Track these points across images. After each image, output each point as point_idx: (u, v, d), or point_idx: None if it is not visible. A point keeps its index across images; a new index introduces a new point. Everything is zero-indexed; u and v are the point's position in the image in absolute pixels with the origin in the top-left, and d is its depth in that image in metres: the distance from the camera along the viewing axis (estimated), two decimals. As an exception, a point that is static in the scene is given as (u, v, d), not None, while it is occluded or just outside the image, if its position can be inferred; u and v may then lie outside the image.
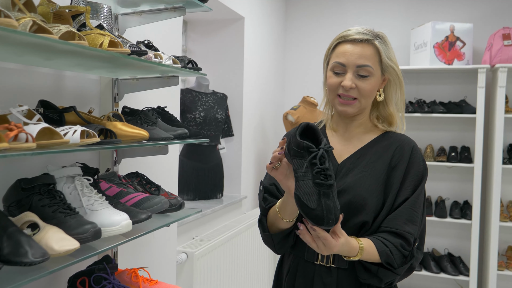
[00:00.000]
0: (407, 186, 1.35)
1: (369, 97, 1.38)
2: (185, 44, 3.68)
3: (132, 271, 1.64)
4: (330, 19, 4.42)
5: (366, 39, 1.35)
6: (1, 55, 1.24)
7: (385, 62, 1.37)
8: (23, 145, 1.00)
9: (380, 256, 1.27)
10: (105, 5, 1.43)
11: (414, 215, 1.32)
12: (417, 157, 1.39)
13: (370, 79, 1.35)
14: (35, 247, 1.05)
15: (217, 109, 3.34)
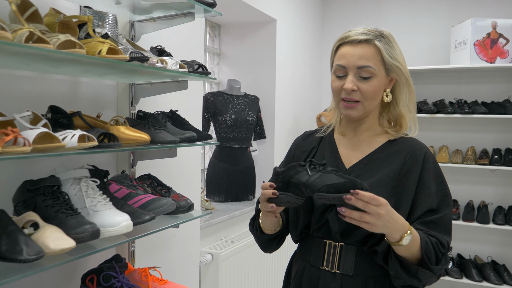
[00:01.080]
0: (430, 194, 1.29)
1: (372, 99, 1.32)
2: (219, 47, 3.73)
3: (143, 271, 1.68)
4: (368, 19, 4.34)
5: (366, 39, 1.31)
6: (11, 64, 1.32)
7: (388, 62, 1.31)
8: (17, 149, 1.06)
9: (421, 243, 1.20)
10: (110, 14, 1.49)
11: (443, 227, 1.27)
12: (431, 164, 1.33)
13: (372, 80, 1.30)
14: (31, 246, 1.11)
15: (248, 111, 3.37)
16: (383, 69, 1.32)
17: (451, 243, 1.30)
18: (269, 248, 1.47)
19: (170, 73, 1.58)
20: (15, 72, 1.44)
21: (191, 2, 1.63)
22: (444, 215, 1.28)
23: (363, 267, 1.30)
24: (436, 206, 1.29)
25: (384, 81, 1.33)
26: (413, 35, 4.18)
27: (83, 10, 1.44)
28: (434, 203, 1.29)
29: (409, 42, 4.19)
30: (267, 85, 3.59)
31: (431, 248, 1.21)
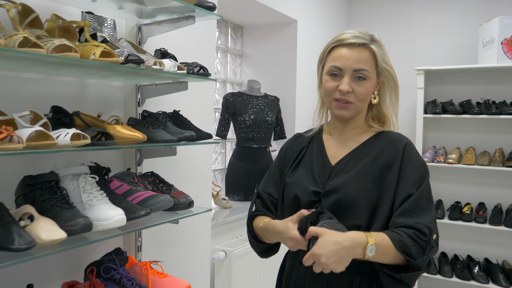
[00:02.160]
0: (407, 182, 1.31)
1: (364, 101, 1.39)
2: (241, 48, 3.79)
3: (144, 264, 1.76)
4: (394, 19, 4.29)
5: (362, 43, 1.35)
6: (15, 67, 1.42)
7: (380, 66, 1.37)
8: (9, 146, 1.14)
9: (394, 243, 1.21)
10: (109, 19, 1.57)
11: (420, 211, 1.27)
12: (411, 153, 1.36)
13: (366, 83, 1.35)
14: (23, 236, 1.19)
15: (267, 111, 3.40)
16: (375, 72, 1.38)
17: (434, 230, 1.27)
18: (268, 255, 1.51)
19: (171, 75, 1.65)
20: (24, 75, 1.54)
21: (191, 7, 1.69)
22: (418, 196, 1.28)
23: (350, 263, 1.32)
24: (413, 191, 1.30)
25: (374, 84, 1.40)
26: (441, 34, 4.09)
27: (84, 15, 1.52)
28: (413, 189, 1.30)
29: (437, 42, 4.11)
30: (288, 85, 3.62)
31: (408, 244, 1.21)
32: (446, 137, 4.07)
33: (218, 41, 3.53)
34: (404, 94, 4.23)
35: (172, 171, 2.15)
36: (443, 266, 3.86)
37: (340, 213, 1.32)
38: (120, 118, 1.59)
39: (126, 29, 1.90)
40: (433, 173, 4.11)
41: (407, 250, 1.21)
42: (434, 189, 4.10)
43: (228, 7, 3.23)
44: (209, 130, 2.40)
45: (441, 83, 4.08)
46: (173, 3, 1.64)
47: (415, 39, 4.21)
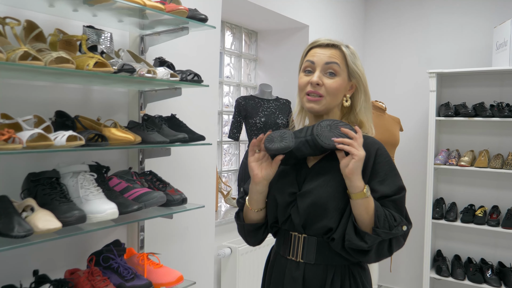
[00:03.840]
0: (381, 183, 1.41)
1: (334, 96, 1.46)
2: (255, 53, 3.92)
3: (141, 255, 1.91)
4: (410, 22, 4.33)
5: (334, 44, 1.48)
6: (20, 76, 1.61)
7: (351, 67, 1.47)
8: (9, 146, 1.32)
9: (375, 205, 1.36)
10: (106, 32, 1.73)
11: (401, 209, 1.41)
12: (384, 157, 1.45)
13: (336, 78, 1.44)
14: (23, 225, 1.37)
15: (278, 114, 3.52)
16: (346, 72, 1.47)
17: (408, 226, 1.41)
18: (254, 239, 1.59)
19: (165, 82, 1.80)
20: (33, 82, 1.72)
21: (184, 19, 1.84)
22: (395, 198, 1.41)
23: (324, 256, 1.43)
24: (389, 193, 1.41)
25: (346, 83, 1.48)
26: (455, 37, 4.11)
27: (84, 29, 1.69)
28: (386, 190, 1.41)
29: (451, 45, 4.12)
30: (299, 89, 3.72)
31: (382, 212, 1.36)
32: (460, 140, 4.07)
33: (232, 46, 3.68)
34: (417, 96, 4.28)
35: (176, 171, 2.31)
36: (455, 269, 3.87)
37: (313, 214, 1.42)
38: (117, 122, 1.75)
39: (129, 39, 2.07)
40: (445, 175, 4.12)
41: (379, 215, 1.35)
42: (447, 191, 4.12)
43: (243, 14, 3.37)
44: (213, 132, 2.55)
45: (455, 86, 4.09)
46: (166, 16, 1.79)
47: (429, 42, 4.23)
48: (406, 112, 4.30)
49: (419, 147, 4.27)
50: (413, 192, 4.31)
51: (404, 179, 4.44)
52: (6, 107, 1.60)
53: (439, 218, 3.94)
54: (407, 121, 4.25)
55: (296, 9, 3.50)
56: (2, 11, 1.56)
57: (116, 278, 1.77)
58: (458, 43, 4.09)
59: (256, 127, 3.44)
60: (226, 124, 3.68)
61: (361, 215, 1.35)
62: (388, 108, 4.14)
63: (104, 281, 1.71)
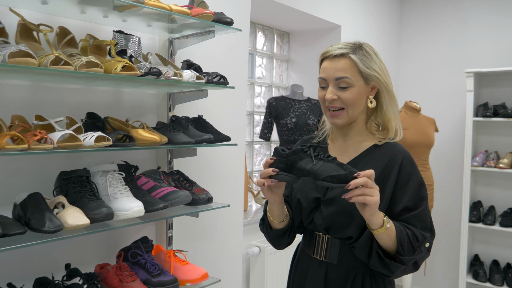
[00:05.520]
0: (404, 197, 1.39)
1: (355, 106, 1.43)
2: (287, 54, 3.94)
3: (168, 252, 1.98)
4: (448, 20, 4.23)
5: (341, 53, 1.43)
6: (53, 80, 1.69)
7: (364, 72, 1.42)
8: (40, 146, 1.40)
9: (396, 231, 1.33)
10: (134, 36, 1.80)
11: (424, 223, 1.39)
12: (408, 168, 1.42)
13: (351, 89, 1.41)
14: (53, 221, 1.45)
15: (309, 115, 3.53)
16: (361, 78, 1.43)
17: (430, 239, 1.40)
18: (280, 244, 1.60)
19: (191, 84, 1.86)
20: (68, 86, 1.81)
21: (210, 23, 1.88)
22: (419, 212, 1.39)
23: (346, 257, 1.45)
24: (412, 206, 1.39)
25: (364, 89, 1.44)
26: (494, 35, 3.98)
27: (114, 34, 1.76)
28: (410, 202, 1.39)
29: (490, 43, 4.01)
30: (331, 89, 3.71)
31: (405, 237, 1.34)
32: (500, 141, 3.95)
33: (264, 47, 3.71)
34: (453, 97, 4.18)
35: (205, 171, 2.36)
36: (493, 274, 3.76)
37: (336, 221, 1.42)
38: (145, 123, 1.82)
39: (159, 43, 2.14)
40: (483, 177, 4.01)
41: (402, 241, 1.33)
42: (485, 194, 4.01)
43: (275, 16, 3.40)
44: (241, 133, 2.59)
45: (494, 86, 3.97)
46: (193, 20, 1.84)
47: (467, 41, 4.13)
48: (442, 113, 4.20)
49: (456, 148, 4.16)
50: (449, 195, 4.22)
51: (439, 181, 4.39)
52: (40, 109, 1.69)
53: (477, 221, 3.84)
54: (443, 122, 4.15)
55: (328, 10, 3.50)
56: (36, 18, 1.66)
57: (143, 273, 1.84)
58: (497, 41, 3.96)
59: (287, 127, 3.46)
60: (258, 124, 3.72)
61: (384, 243, 1.35)
62: (423, 109, 4.06)
63: (132, 276, 1.78)
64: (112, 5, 1.63)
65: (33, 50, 1.52)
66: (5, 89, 1.63)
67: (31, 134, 1.43)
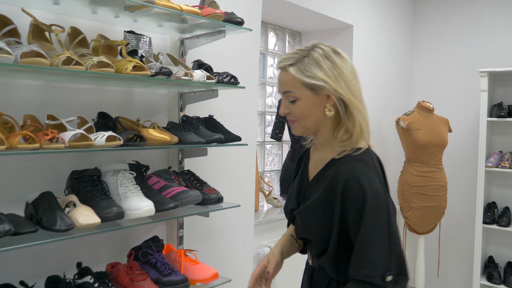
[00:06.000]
0: (352, 229, 1.27)
1: (306, 118, 1.34)
2: (299, 54, 3.93)
3: (179, 252, 1.98)
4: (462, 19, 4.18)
5: (282, 66, 1.36)
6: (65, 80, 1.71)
7: (307, 83, 1.31)
8: (52, 145, 1.41)
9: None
10: (145, 36, 1.81)
11: (368, 255, 1.22)
12: (351, 190, 1.26)
13: (298, 102, 1.33)
14: (65, 220, 1.46)
15: (321, 115, 3.51)
16: (307, 89, 1.32)
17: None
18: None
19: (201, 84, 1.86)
20: (79, 86, 1.83)
21: (220, 23, 1.88)
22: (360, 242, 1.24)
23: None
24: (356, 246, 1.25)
25: (314, 99, 1.33)
26: (510, 34, 3.93)
27: (125, 34, 1.77)
28: (355, 241, 1.26)
29: (505, 42, 3.95)
30: (343, 89, 3.69)
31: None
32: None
33: (276, 47, 3.71)
34: (467, 96, 4.13)
35: (215, 171, 2.36)
36: (508, 276, 3.71)
37: (304, 235, 1.43)
38: (156, 123, 1.82)
39: (170, 43, 2.14)
40: (497, 178, 3.96)
41: None
42: (500, 195, 3.95)
43: (286, 15, 3.39)
44: (252, 133, 2.59)
45: (509, 85, 3.91)
46: (203, 20, 1.85)
47: (481, 40, 4.07)
48: (456, 113, 4.16)
49: (469, 149, 4.12)
50: (463, 196, 4.17)
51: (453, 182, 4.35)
52: (52, 108, 1.71)
53: (491, 223, 3.79)
54: (457, 122, 4.11)
55: (340, 9, 3.48)
56: (48, 18, 1.67)
57: (154, 272, 1.84)
58: None
59: (299, 127, 3.44)
60: (269, 124, 3.71)
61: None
62: (437, 109, 4.02)
63: (142, 275, 1.78)
64: (123, 5, 1.63)
65: (45, 50, 1.53)
66: (17, 89, 1.65)
67: (43, 134, 1.44)
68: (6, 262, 1.64)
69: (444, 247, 4.23)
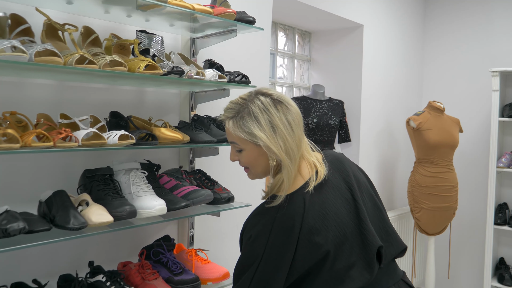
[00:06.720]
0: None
1: (254, 167, 1.39)
2: (309, 54, 3.92)
3: (190, 251, 1.98)
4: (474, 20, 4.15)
5: (223, 119, 1.39)
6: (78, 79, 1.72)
7: (245, 138, 1.33)
8: (65, 144, 1.42)
9: None
10: (157, 35, 1.81)
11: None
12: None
13: (243, 152, 1.37)
14: (78, 218, 1.46)
15: (331, 115, 3.50)
16: (248, 142, 1.34)
17: None
18: None
19: (213, 83, 1.86)
20: (92, 85, 1.83)
21: (232, 22, 1.88)
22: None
23: None
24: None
25: (257, 150, 1.34)
26: (521, 33, 3.90)
27: (137, 34, 1.78)
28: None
29: (516, 41, 3.92)
30: (353, 89, 3.68)
31: None
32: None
33: (285, 47, 3.70)
34: (478, 96, 4.10)
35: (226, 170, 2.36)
36: (519, 278, 3.67)
37: None
38: (167, 122, 1.83)
39: (181, 42, 2.15)
40: (509, 179, 3.93)
41: None
42: (511, 196, 3.92)
43: (296, 15, 3.38)
44: (262, 133, 2.58)
45: (520, 86, 3.88)
46: (215, 19, 1.85)
47: (493, 39, 4.04)
48: (467, 113, 4.13)
49: (481, 149, 4.08)
50: (474, 196, 4.14)
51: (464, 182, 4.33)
52: (65, 107, 1.72)
53: (502, 224, 3.75)
54: (468, 122, 4.08)
55: (349, 9, 3.47)
56: (62, 18, 1.68)
57: (165, 272, 1.85)
58: (525, 40, 3.88)
59: (308, 127, 3.44)
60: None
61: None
62: (448, 109, 4.00)
63: (154, 274, 1.79)
64: (136, 4, 1.63)
65: (58, 49, 1.54)
66: (31, 88, 1.66)
67: (56, 132, 1.45)
68: (19, 261, 1.65)
69: (454, 248, 4.20)
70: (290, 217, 1.27)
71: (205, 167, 2.20)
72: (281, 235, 1.27)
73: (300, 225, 1.27)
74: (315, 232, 1.27)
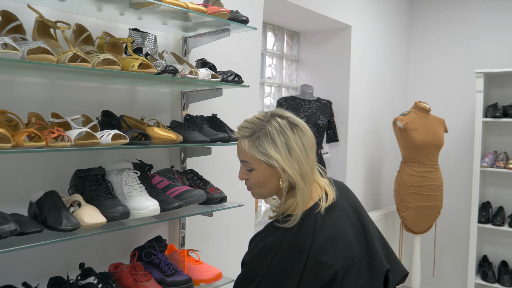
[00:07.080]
0: None
1: (261, 187, 1.38)
2: (297, 54, 3.93)
3: (182, 252, 1.96)
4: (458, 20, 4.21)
5: (238, 137, 1.39)
6: (70, 77, 1.69)
7: (259, 158, 1.33)
8: (58, 144, 1.39)
9: None
10: (150, 34, 1.79)
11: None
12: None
13: (254, 172, 1.36)
14: (70, 219, 1.43)
15: (319, 115, 3.51)
16: (261, 162, 1.34)
17: None
18: None
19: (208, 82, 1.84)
20: (83, 84, 1.80)
21: (225, 21, 1.87)
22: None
23: None
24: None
25: (269, 171, 1.34)
26: (504, 35, 3.97)
27: (130, 32, 1.75)
28: None
29: (500, 43, 3.99)
30: (341, 89, 3.70)
31: None
32: (509, 142, 3.93)
33: (274, 47, 3.70)
34: (463, 97, 4.16)
35: (218, 170, 2.35)
36: (502, 275, 3.74)
37: None
38: (160, 122, 1.81)
39: (173, 41, 2.13)
40: (492, 178, 4.00)
41: None
42: (494, 195, 3.99)
43: (284, 15, 3.38)
44: (253, 132, 2.58)
45: (504, 86, 3.95)
46: (208, 18, 1.83)
47: (477, 41, 4.11)
48: (452, 113, 4.19)
49: (465, 149, 4.15)
50: (458, 195, 4.20)
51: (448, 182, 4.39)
52: (56, 106, 1.68)
53: (485, 222, 3.82)
54: (453, 122, 4.14)
55: (338, 10, 3.48)
56: (53, 15, 1.65)
57: (157, 273, 1.83)
58: (507, 42, 3.94)
59: (297, 127, 3.44)
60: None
61: None
62: (433, 109, 4.05)
63: (146, 275, 1.76)
64: (129, 2, 1.61)
65: (50, 47, 1.51)
66: (21, 87, 1.62)
67: (49, 132, 1.42)
68: (9, 263, 1.61)
69: (439, 246, 4.26)
70: (300, 237, 1.28)
71: (196, 167, 2.19)
72: (289, 254, 1.27)
73: (310, 245, 1.27)
74: (324, 252, 1.28)
